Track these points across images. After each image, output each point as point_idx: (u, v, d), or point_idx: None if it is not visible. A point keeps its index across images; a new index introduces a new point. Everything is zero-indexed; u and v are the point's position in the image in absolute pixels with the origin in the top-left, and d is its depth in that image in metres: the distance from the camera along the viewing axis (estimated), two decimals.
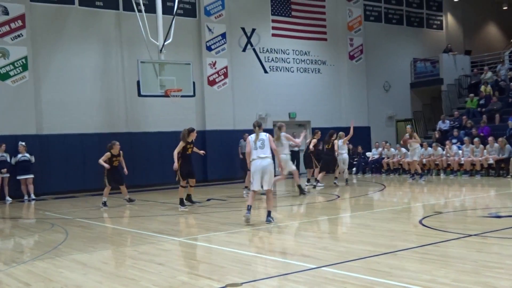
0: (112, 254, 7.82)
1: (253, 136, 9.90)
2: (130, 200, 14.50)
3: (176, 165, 12.68)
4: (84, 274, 6.59)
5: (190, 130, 13.11)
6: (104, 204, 14.05)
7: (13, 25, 17.59)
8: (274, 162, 10.17)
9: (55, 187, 18.15)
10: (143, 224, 11.11)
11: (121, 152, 14.27)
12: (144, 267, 6.86)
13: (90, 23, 19.29)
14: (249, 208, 9.84)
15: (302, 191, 14.77)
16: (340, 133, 17.44)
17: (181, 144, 12.82)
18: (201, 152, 14.14)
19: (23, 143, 17.17)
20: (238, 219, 11.05)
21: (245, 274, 6.20)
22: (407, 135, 17.96)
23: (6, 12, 17.49)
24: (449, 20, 29.78)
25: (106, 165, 13.82)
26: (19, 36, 17.69)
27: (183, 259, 7.39)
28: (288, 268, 6.49)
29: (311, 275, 6.02)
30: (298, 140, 15.01)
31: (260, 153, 9.71)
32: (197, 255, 7.74)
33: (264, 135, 9.79)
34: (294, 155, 23.55)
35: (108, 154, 14.02)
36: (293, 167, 14.96)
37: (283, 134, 14.20)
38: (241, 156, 21.09)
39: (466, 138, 19.51)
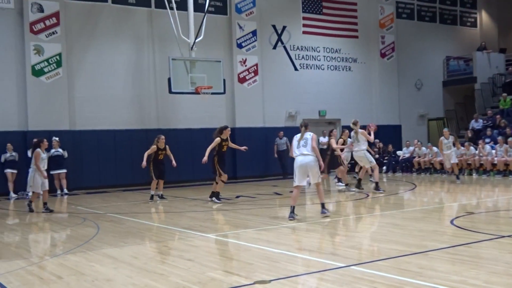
0: (142, 249, 7.91)
1: (298, 135, 10.36)
2: (161, 197, 14.61)
3: (205, 158, 12.82)
4: (114, 268, 6.69)
5: (223, 128, 13.25)
6: (152, 197, 14.26)
7: (47, 22, 17.90)
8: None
9: (87, 182, 18.43)
10: (173, 220, 11.21)
11: (167, 146, 14.44)
12: (173, 263, 6.93)
13: (122, 21, 19.51)
14: (292, 210, 10.10)
15: (377, 188, 14.51)
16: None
17: (217, 141, 12.99)
18: (243, 148, 14.17)
19: (57, 139, 17.46)
20: (267, 216, 11.08)
21: (273, 271, 6.21)
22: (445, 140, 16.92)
23: (41, 10, 17.81)
24: (483, 17, 29.25)
25: (144, 161, 13.93)
26: (53, 33, 17.99)
27: (212, 256, 7.43)
28: (316, 266, 6.48)
29: (340, 273, 6.00)
30: (371, 137, 14.79)
31: (303, 151, 10.16)
32: (226, 252, 7.78)
33: (308, 135, 10.22)
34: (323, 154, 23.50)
35: (154, 147, 14.21)
36: (373, 162, 14.84)
37: (360, 130, 14.51)
38: (276, 155, 21.13)
39: (500, 138, 19.17)
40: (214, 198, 13.54)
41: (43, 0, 17.85)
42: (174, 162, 14.65)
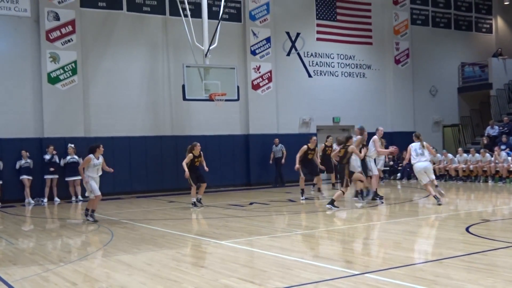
0: (156, 255, 7.93)
1: (414, 144, 13.55)
2: (198, 201, 14.61)
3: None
4: (128, 275, 6.70)
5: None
6: (194, 204, 14.35)
7: (63, 30, 18.08)
8: None
9: (102, 188, 18.33)
10: (186, 227, 11.23)
11: (201, 152, 14.60)
12: (186, 270, 6.93)
13: (137, 28, 19.65)
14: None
15: (366, 197, 14.38)
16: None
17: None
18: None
19: (72, 145, 17.60)
20: (281, 223, 11.06)
21: (287, 278, 6.19)
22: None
23: (57, 18, 17.99)
24: (499, 23, 29.05)
25: (187, 171, 14.13)
26: (69, 41, 18.16)
27: (225, 262, 7.43)
28: (330, 274, 6.45)
29: (354, 281, 5.96)
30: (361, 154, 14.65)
31: (421, 158, 13.29)
32: (239, 259, 7.77)
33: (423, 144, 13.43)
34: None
35: (190, 155, 14.34)
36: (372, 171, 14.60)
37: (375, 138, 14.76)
38: (271, 161, 20.88)
39: None
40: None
41: (59, 9, 18.04)
42: (206, 167, 14.95)
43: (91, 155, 11.96)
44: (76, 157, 17.58)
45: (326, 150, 17.47)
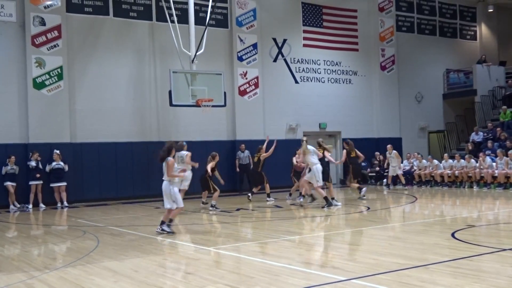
0: (143, 262, 7.89)
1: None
2: (204, 203, 15.64)
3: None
4: (115, 281, 6.66)
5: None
6: (214, 207, 14.81)
7: (49, 36, 17.98)
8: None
9: (88, 194, 18.42)
10: (174, 233, 11.18)
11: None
12: (173, 276, 6.90)
13: (124, 34, 19.60)
14: None
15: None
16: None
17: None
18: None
19: (58, 151, 17.49)
20: (268, 229, 11.06)
21: (274, 285, 6.19)
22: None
23: (43, 23, 17.89)
24: (483, 30, 29.36)
25: (220, 179, 15.41)
26: (55, 46, 18.06)
27: (213, 269, 7.41)
28: (317, 280, 6.46)
29: (340, 287, 5.97)
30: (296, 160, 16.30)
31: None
32: (226, 265, 7.76)
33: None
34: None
35: (213, 163, 15.15)
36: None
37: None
38: (238, 169, 20.43)
39: (499, 151, 19.16)
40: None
41: (45, 14, 17.94)
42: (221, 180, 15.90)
43: (171, 159, 10.54)
44: (61, 163, 17.48)
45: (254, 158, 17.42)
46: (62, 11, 18.28)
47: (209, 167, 15.06)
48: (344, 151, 17.01)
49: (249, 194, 17.04)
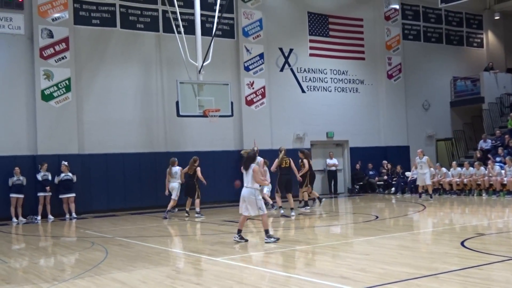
0: (151, 273, 7.89)
1: None
2: (197, 213, 16.01)
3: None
4: None
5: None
6: (199, 213, 15.81)
7: (57, 48, 18.10)
8: None
9: (96, 205, 18.45)
10: (181, 244, 11.19)
11: (197, 168, 16.19)
12: (182, 287, 6.89)
13: (131, 45, 19.70)
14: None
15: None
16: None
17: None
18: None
19: (66, 163, 17.54)
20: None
21: None
22: None
23: (51, 35, 18.02)
24: (490, 38, 29.30)
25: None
26: (63, 58, 18.18)
27: (221, 279, 7.40)
28: None
29: None
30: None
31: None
32: (235, 275, 7.75)
33: None
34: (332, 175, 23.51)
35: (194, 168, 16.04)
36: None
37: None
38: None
39: (508, 158, 19.06)
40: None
41: (53, 26, 18.08)
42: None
43: (256, 165, 10.42)
44: (70, 174, 17.52)
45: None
46: (70, 23, 18.41)
47: (198, 172, 15.87)
48: (306, 160, 16.46)
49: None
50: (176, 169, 16.51)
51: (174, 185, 16.37)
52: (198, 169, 16.10)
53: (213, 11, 19.62)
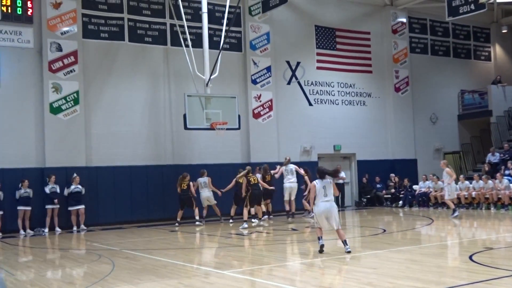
0: (157, 286, 7.87)
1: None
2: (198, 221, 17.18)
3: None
4: None
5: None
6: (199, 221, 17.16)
7: (66, 61, 18.24)
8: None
9: (103, 218, 18.47)
10: (188, 256, 11.17)
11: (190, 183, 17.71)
12: None
13: (139, 58, 19.82)
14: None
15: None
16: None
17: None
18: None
19: (76, 175, 17.61)
20: (283, 252, 10.99)
21: None
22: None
23: (59, 49, 18.17)
24: (497, 51, 29.28)
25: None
26: (71, 71, 18.31)
27: None
28: None
29: None
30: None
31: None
32: None
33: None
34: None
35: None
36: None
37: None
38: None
39: None
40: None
41: (62, 40, 18.23)
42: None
43: (314, 182, 10.18)
44: (79, 186, 17.58)
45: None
46: (78, 37, 18.56)
47: (192, 187, 17.59)
48: (307, 177, 17.24)
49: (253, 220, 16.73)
50: (205, 179, 17.93)
51: (208, 194, 17.92)
52: (191, 183, 17.68)
53: (221, 24, 19.75)
